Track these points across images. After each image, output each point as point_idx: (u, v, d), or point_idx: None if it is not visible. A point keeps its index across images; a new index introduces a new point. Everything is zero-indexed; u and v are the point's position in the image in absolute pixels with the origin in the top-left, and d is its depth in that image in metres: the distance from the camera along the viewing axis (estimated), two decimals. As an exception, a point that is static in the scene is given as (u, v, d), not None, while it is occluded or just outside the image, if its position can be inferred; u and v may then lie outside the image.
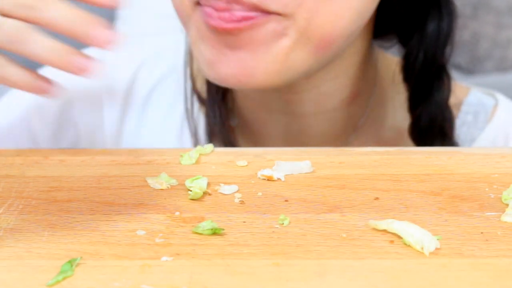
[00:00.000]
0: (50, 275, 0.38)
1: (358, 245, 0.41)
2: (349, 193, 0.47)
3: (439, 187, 0.48)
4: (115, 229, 0.43)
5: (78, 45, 0.48)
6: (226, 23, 0.54)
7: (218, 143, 0.66)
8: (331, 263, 0.40)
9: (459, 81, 0.73)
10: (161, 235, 0.42)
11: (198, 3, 0.56)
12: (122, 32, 0.48)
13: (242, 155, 0.52)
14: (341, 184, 0.48)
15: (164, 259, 0.40)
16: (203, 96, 0.69)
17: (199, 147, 0.52)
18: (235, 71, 0.55)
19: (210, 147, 0.52)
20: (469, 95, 0.71)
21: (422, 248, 0.41)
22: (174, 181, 0.48)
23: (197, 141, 0.69)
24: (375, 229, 0.43)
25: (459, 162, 0.51)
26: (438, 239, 0.41)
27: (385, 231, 0.42)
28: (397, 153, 0.52)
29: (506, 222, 0.44)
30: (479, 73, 1.87)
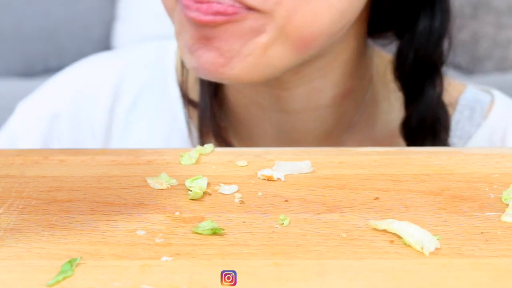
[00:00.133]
0: (50, 275, 0.38)
1: (358, 245, 0.41)
2: (349, 193, 0.47)
3: (439, 187, 0.48)
4: (115, 229, 0.43)
5: (78, 45, 0.48)
6: (204, 15, 0.54)
7: (210, 141, 0.67)
8: (331, 263, 0.40)
9: (457, 79, 0.73)
10: (161, 235, 0.42)
11: None
12: (122, 32, 0.48)
13: (242, 155, 0.52)
14: (341, 184, 0.48)
15: (164, 259, 0.40)
16: (193, 99, 0.69)
17: (199, 147, 0.52)
18: (214, 60, 0.56)
19: (210, 147, 0.52)
20: (465, 92, 0.71)
21: (422, 248, 0.41)
22: (174, 181, 0.48)
23: (191, 138, 0.69)
24: (375, 229, 0.43)
25: (459, 162, 0.51)
26: (438, 239, 0.41)
27: (385, 231, 0.42)
28: (397, 153, 0.52)
29: (506, 222, 0.44)
30: (479, 73, 1.87)
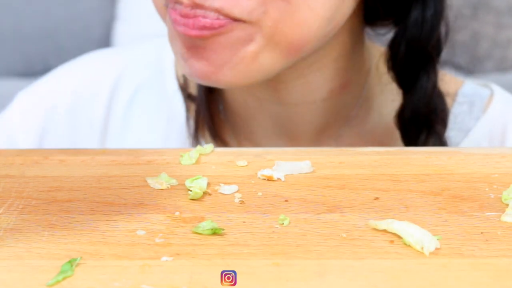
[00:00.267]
0: (50, 275, 0.38)
1: (358, 245, 0.41)
2: (349, 193, 0.47)
3: (439, 187, 0.48)
4: (115, 229, 0.43)
5: (78, 45, 0.48)
6: (191, 29, 0.55)
7: (206, 134, 0.67)
8: (331, 263, 0.40)
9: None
10: (161, 235, 0.42)
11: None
12: (122, 32, 0.48)
13: (242, 155, 0.52)
14: (341, 184, 0.48)
15: (164, 259, 0.40)
16: (191, 93, 0.69)
17: (199, 147, 0.52)
18: (205, 69, 0.56)
19: (210, 147, 0.52)
20: (464, 86, 0.71)
21: (422, 248, 0.41)
22: (174, 181, 0.48)
23: (189, 135, 0.69)
24: (375, 229, 0.43)
25: (459, 162, 0.51)
26: (438, 239, 0.41)
27: (385, 231, 0.42)
28: (397, 153, 0.52)
29: (506, 222, 0.44)
30: (479, 73, 1.87)
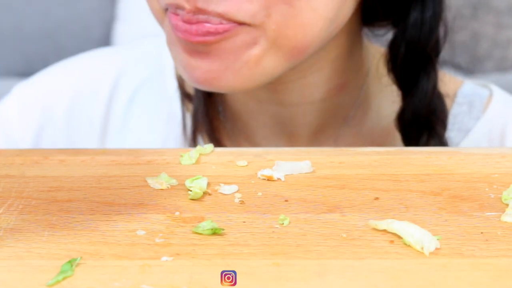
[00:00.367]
0: (50, 275, 0.38)
1: (358, 245, 0.41)
2: (349, 193, 0.47)
3: (439, 187, 0.48)
4: (115, 229, 0.43)
5: (78, 45, 0.48)
6: (194, 36, 0.54)
7: (203, 136, 0.67)
8: (331, 263, 0.40)
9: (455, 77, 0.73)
10: (161, 235, 0.42)
11: (167, 9, 0.56)
12: (122, 32, 0.48)
13: (242, 155, 0.52)
14: (341, 184, 0.48)
15: (164, 259, 0.40)
16: (189, 92, 0.69)
17: (199, 147, 0.52)
18: (207, 75, 0.55)
19: (210, 147, 0.52)
20: (463, 86, 0.71)
21: (422, 248, 0.41)
22: (174, 181, 0.48)
23: (186, 136, 0.69)
24: (375, 229, 0.43)
25: (459, 162, 0.51)
26: (438, 239, 0.41)
27: (385, 231, 0.42)
28: (397, 153, 0.52)
29: (506, 222, 0.44)
30: (479, 73, 1.87)
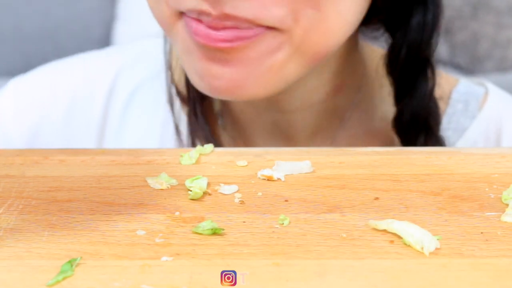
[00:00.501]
0: (50, 275, 0.38)
1: (358, 245, 0.41)
2: (349, 193, 0.47)
3: (439, 187, 0.48)
4: (115, 229, 0.43)
5: (78, 45, 0.48)
6: (220, 42, 0.52)
7: (201, 140, 0.66)
8: (331, 263, 0.40)
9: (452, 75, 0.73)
10: (161, 235, 0.42)
11: (181, 13, 0.54)
12: (122, 32, 0.47)
13: (242, 155, 0.52)
14: (341, 184, 0.48)
15: (164, 259, 0.40)
16: (185, 96, 0.68)
17: (199, 147, 0.52)
18: (230, 84, 0.54)
19: (210, 147, 0.52)
20: (458, 85, 0.71)
21: (422, 248, 0.41)
22: (174, 181, 0.48)
23: (180, 140, 0.68)
24: (375, 229, 0.43)
25: (459, 162, 0.51)
26: (438, 239, 0.41)
27: (385, 231, 0.42)
28: (397, 153, 0.52)
29: (506, 222, 0.44)
30: (479, 73, 1.87)
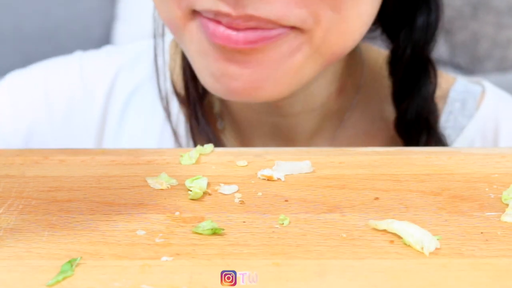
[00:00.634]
0: (50, 275, 0.38)
1: (358, 245, 0.41)
2: (349, 193, 0.47)
3: (439, 187, 0.48)
4: (115, 229, 0.43)
5: (78, 45, 0.48)
6: (240, 43, 0.51)
7: (203, 142, 0.66)
8: (331, 263, 0.40)
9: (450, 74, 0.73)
10: (161, 235, 0.42)
11: (194, 12, 0.52)
12: (122, 32, 0.47)
13: (242, 155, 0.52)
14: (341, 184, 0.48)
15: (164, 259, 0.40)
16: (184, 98, 0.68)
17: (199, 147, 0.52)
18: (248, 85, 0.53)
19: (210, 147, 0.52)
20: (456, 84, 0.71)
21: (422, 248, 0.41)
22: (174, 181, 0.48)
23: (179, 143, 0.68)
24: (375, 229, 0.43)
25: (459, 162, 0.51)
26: (438, 239, 0.41)
27: (385, 231, 0.42)
28: (397, 153, 0.52)
29: (506, 222, 0.44)
30: (479, 73, 1.87)
